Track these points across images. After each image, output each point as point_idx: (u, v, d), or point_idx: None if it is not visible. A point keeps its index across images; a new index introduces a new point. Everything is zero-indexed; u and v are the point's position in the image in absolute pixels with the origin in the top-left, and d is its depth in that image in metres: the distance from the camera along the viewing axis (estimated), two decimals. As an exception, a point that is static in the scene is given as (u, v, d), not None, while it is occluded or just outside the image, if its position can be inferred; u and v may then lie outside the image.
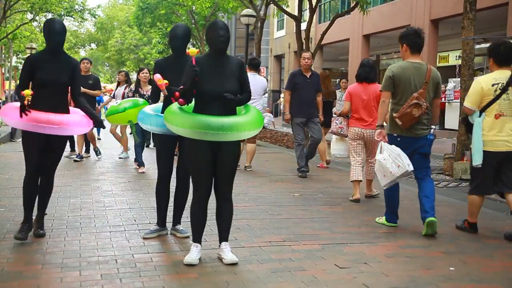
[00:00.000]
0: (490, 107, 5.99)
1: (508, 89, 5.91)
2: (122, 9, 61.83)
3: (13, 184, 8.82)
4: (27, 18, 40.90)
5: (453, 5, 19.99)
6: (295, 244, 5.60)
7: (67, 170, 10.65)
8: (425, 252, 5.45)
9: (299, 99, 10.07)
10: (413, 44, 6.20)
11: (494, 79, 6.05)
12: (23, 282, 4.32)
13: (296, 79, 10.18)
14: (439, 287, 4.44)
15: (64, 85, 5.57)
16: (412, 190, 8.86)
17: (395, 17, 25.70)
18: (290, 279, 4.52)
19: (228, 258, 4.86)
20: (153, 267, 4.78)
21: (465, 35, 11.40)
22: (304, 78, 10.13)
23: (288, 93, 10.33)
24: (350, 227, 6.42)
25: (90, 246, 5.35)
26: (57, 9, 37.62)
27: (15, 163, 11.47)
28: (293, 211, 7.16)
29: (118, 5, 65.74)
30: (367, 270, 4.82)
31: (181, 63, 5.41)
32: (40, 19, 43.00)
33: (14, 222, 6.27)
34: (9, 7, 30.11)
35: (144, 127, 5.92)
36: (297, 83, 10.13)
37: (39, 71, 5.37)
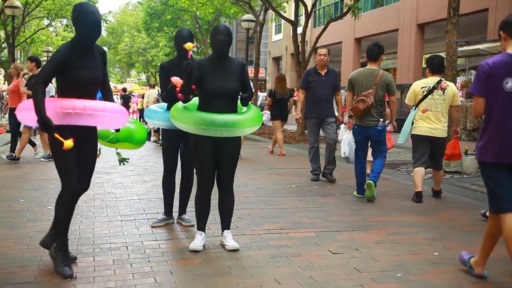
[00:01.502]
0: (420, 104, 7.31)
1: (433, 91, 7.17)
2: (132, 15, 61.64)
3: (31, 177, 8.84)
4: (44, 24, 40.85)
5: (438, 11, 19.99)
6: (292, 231, 5.62)
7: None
8: (411, 238, 5.46)
9: (313, 98, 8.90)
10: (369, 54, 7.46)
11: (424, 83, 7.43)
12: (41, 267, 4.34)
13: (310, 78, 8.99)
14: (425, 270, 4.46)
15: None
16: (401, 182, 8.91)
17: (385, 22, 25.69)
18: (287, 264, 4.54)
19: (230, 245, 4.89)
20: (161, 253, 4.81)
21: (449, 38, 11.40)
22: (319, 76, 8.91)
23: (302, 92, 9.16)
24: (342, 216, 6.44)
25: (103, 234, 5.37)
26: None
27: (32, 158, 11.48)
28: (290, 202, 7.18)
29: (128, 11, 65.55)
30: (358, 255, 4.84)
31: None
32: (56, 25, 42.99)
33: (33, 212, 6.29)
34: (27, 13, 30.08)
35: (150, 123, 5.98)
36: (311, 81, 8.93)
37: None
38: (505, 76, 3.93)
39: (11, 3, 19.26)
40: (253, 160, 11.65)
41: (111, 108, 4.40)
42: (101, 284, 3.99)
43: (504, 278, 4.31)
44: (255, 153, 13.25)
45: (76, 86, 4.23)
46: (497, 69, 3.97)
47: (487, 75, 4.00)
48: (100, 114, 4.21)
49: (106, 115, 4.27)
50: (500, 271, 4.47)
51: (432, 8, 21.72)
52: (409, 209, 6.86)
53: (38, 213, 6.24)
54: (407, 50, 23.57)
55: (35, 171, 9.60)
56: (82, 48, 4.26)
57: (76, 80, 4.22)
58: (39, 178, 8.78)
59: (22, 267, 4.34)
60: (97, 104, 4.29)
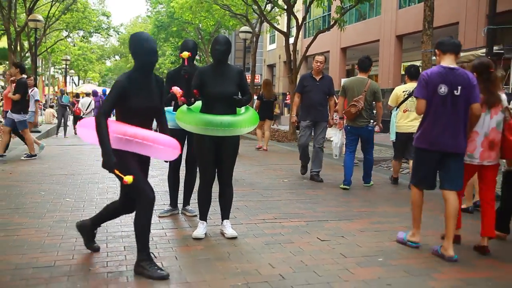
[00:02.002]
0: (401, 105, 7.73)
1: (412, 95, 6.83)
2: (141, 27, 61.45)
3: (52, 172, 8.82)
4: (63, 35, 40.86)
5: (415, 24, 19.99)
6: (284, 221, 5.62)
7: (95, 160, 10.65)
8: (390, 227, 5.46)
9: (307, 102, 8.44)
10: (361, 65, 7.87)
11: (405, 88, 7.83)
12: (60, 253, 4.32)
13: (305, 82, 8.53)
14: (403, 255, 4.47)
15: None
16: (383, 176, 8.92)
17: (367, 33, 25.70)
18: (280, 250, 4.54)
19: (229, 233, 4.89)
20: (167, 240, 4.80)
21: (424, 48, 11.43)
22: (313, 81, 8.43)
23: (296, 96, 8.68)
24: (329, 207, 6.44)
25: (115, 223, 5.34)
26: (87, 28, 37.55)
27: (53, 155, 11.49)
28: (282, 194, 7.17)
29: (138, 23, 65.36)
30: (343, 242, 4.85)
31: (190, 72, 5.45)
32: (73, 36, 42.96)
33: (53, 203, 6.27)
34: (48, 26, 30.11)
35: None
36: (305, 85, 8.46)
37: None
38: (440, 83, 4.46)
39: (34, 17, 19.42)
40: (250, 157, 11.64)
41: (163, 141, 4.07)
42: (114, 268, 3.98)
43: (474, 261, 4.31)
44: (251, 151, 13.24)
45: (131, 114, 3.98)
46: (434, 78, 4.49)
47: (427, 82, 4.52)
48: (150, 144, 3.93)
49: (155, 146, 3.97)
50: (472, 256, 4.48)
51: (409, 21, 21.74)
52: (389, 200, 6.87)
53: (57, 205, 6.23)
54: (387, 59, 23.57)
55: (55, 167, 9.58)
56: (140, 77, 4.01)
57: (131, 109, 3.96)
58: (58, 173, 8.76)
59: (43, 252, 4.33)
60: (149, 134, 3.99)
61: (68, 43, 46.08)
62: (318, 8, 22.39)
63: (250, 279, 3.78)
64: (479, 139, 4.66)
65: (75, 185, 7.62)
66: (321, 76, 8.50)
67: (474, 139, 4.67)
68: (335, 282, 3.76)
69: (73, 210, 5.95)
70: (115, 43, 67.54)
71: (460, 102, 4.46)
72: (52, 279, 3.72)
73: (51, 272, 3.86)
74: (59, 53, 42.79)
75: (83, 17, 35.51)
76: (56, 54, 42.65)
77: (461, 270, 4.12)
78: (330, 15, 25.76)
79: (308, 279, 3.81)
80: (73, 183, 7.79)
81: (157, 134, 4.13)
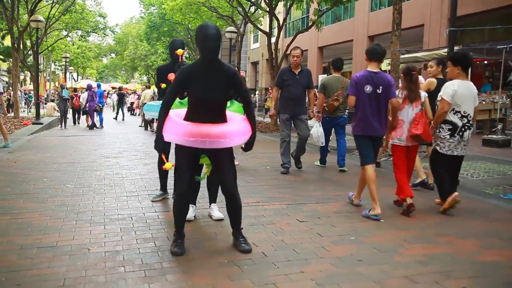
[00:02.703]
0: None
1: None
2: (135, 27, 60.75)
3: (52, 161, 8.75)
4: (63, 34, 40.34)
5: (385, 25, 20.06)
6: (267, 204, 5.64)
7: (93, 150, 10.59)
8: (361, 209, 5.47)
9: (286, 95, 7.82)
10: (335, 65, 8.08)
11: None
12: (62, 234, 4.31)
13: (284, 76, 7.89)
14: (373, 234, 4.52)
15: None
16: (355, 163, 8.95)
17: (342, 34, 25.74)
18: (263, 231, 4.57)
19: (216, 215, 4.90)
20: (159, 222, 4.80)
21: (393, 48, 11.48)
22: (292, 75, 7.80)
23: (275, 90, 8.05)
24: (308, 191, 6.47)
25: (112, 207, 5.34)
26: (85, 28, 37.13)
27: (54, 145, 11.38)
28: (265, 180, 7.18)
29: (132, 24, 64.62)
30: (320, 222, 4.88)
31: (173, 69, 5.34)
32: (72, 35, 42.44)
33: (54, 189, 6.23)
34: (49, 26, 29.79)
35: (148, 115, 5.84)
36: (285, 79, 7.84)
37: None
38: (366, 84, 5.26)
39: (36, 18, 19.17)
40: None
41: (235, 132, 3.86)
42: (111, 248, 3.98)
43: (436, 238, 4.38)
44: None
45: (194, 102, 3.86)
46: (361, 79, 5.30)
47: (356, 83, 5.31)
48: (221, 141, 3.73)
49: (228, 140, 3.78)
50: (433, 233, 4.54)
51: (380, 23, 21.82)
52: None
53: (58, 190, 6.19)
54: (360, 57, 23.62)
55: (56, 156, 9.50)
56: (203, 65, 3.81)
57: (193, 97, 3.84)
58: (59, 162, 8.69)
59: (46, 234, 4.31)
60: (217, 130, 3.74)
61: (67, 42, 45.50)
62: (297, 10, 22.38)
63: (235, 257, 3.80)
64: (405, 126, 5.45)
65: (74, 172, 7.57)
66: (299, 70, 7.88)
67: (401, 126, 5.46)
68: (312, 259, 3.80)
69: (73, 195, 5.92)
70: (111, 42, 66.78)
71: (381, 98, 5.30)
72: (55, 258, 3.71)
73: (53, 251, 3.85)
74: (59, 51, 42.28)
75: (81, 18, 35.07)
76: (56, 52, 42.13)
77: (424, 246, 4.18)
78: (308, 17, 25.80)
79: (288, 256, 3.85)
80: (72, 170, 7.74)
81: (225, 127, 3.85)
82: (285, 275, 3.43)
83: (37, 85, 20.70)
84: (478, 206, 5.80)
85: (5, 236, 4.23)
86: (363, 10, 23.75)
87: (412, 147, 5.55)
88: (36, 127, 16.60)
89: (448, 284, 3.34)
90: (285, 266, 3.62)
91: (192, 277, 3.37)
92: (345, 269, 3.58)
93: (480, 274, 3.56)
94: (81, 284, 3.22)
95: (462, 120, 5.38)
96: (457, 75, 5.44)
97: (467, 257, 3.93)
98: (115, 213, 5.11)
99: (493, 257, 3.96)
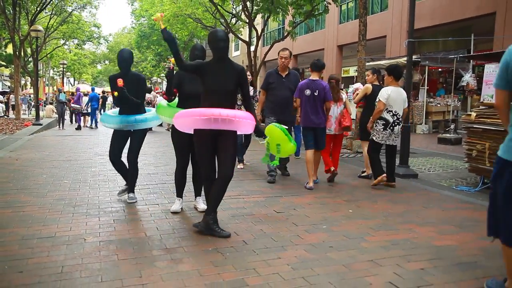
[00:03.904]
0: None
1: None
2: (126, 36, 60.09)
3: (51, 158, 8.62)
4: (60, 43, 39.72)
5: (352, 36, 20.22)
6: (247, 197, 5.64)
7: (89, 148, 10.45)
8: (332, 200, 5.54)
9: (273, 99, 6.81)
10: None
11: None
12: (60, 225, 4.24)
13: (270, 79, 6.89)
14: (342, 223, 4.54)
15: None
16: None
17: (314, 43, 25.86)
18: (243, 221, 4.55)
19: (201, 207, 4.86)
20: (149, 214, 4.75)
21: (359, 56, 11.56)
22: (279, 78, 6.81)
23: (262, 93, 7.04)
24: (284, 185, 6.48)
25: (106, 201, 5.27)
26: (81, 37, 36.66)
27: (52, 144, 11.21)
28: (245, 175, 7.18)
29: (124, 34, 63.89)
30: (295, 213, 4.89)
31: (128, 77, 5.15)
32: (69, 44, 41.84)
33: (53, 184, 6.13)
34: (47, 35, 29.49)
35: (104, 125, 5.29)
36: (271, 82, 6.84)
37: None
38: (306, 88, 6.33)
39: (35, 28, 18.96)
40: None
41: (243, 116, 3.95)
42: (105, 238, 3.92)
43: (398, 226, 4.42)
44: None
45: (207, 93, 4.03)
46: (303, 85, 6.37)
47: (300, 89, 6.40)
48: (232, 119, 3.84)
49: (241, 121, 3.91)
50: (395, 222, 4.59)
51: (348, 34, 21.97)
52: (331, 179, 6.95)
53: (56, 185, 6.09)
54: (330, 64, 23.75)
55: (54, 154, 9.35)
56: (216, 61, 4.09)
57: (207, 88, 4.03)
58: (57, 159, 8.55)
59: (45, 225, 4.24)
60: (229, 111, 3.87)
61: (64, 49, 44.80)
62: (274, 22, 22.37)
63: (218, 245, 3.78)
64: (333, 120, 6.69)
65: (71, 169, 7.46)
66: (287, 73, 6.90)
67: (330, 120, 6.65)
68: (288, 246, 3.80)
69: (70, 190, 5.83)
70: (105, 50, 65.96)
71: (318, 100, 6.30)
72: (53, 247, 3.65)
73: (52, 241, 3.79)
74: (57, 58, 41.70)
75: (77, 28, 34.57)
76: (54, 59, 41.54)
77: (387, 233, 4.22)
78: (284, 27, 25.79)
79: (266, 244, 3.84)
80: (70, 167, 7.62)
81: (235, 111, 3.99)
82: (263, 261, 3.42)
83: (37, 89, 20.52)
84: (434, 197, 5.88)
85: (7, 228, 4.15)
86: (333, 22, 23.88)
87: (338, 135, 6.83)
88: (36, 127, 16.34)
89: (408, 266, 3.37)
90: (263, 252, 3.62)
91: (180, 264, 3.34)
92: (318, 255, 3.59)
93: (436, 256, 3.61)
94: (77, 271, 3.17)
95: (393, 117, 6.29)
96: (391, 82, 6.38)
97: (425, 242, 3.98)
98: (109, 206, 5.04)
99: (447, 241, 4.02)
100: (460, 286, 3.06)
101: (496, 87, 2.93)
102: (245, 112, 4.10)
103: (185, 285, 2.97)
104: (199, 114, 3.85)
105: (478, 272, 3.31)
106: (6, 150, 9.75)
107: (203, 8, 25.98)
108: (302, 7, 16.50)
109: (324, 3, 16.63)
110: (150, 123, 5.31)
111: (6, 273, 3.12)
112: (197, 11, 26.38)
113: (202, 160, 4.12)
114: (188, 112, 3.97)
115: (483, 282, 3.08)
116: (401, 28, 18.59)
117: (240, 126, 3.95)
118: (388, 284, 3.05)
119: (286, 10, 17.00)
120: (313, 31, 26.63)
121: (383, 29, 19.59)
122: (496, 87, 2.94)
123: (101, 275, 3.11)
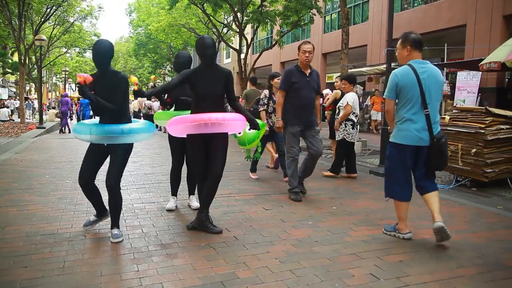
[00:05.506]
0: None
1: None
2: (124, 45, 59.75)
3: (54, 160, 8.55)
4: (63, 51, 39.49)
5: (335, 44, 20.31)
6: (237, 195, 5.62)
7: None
8: (317, 198, 5.55)
9: (297, 102, 5.24)
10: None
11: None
12: (62, 223, 4.20)
13: (293, 77, 5.24)
14: (327, 219, 4.53)
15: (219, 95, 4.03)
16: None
17: (300, 51, 25.89)
18: (234, 217, 4.54)
19: (194, 205, 4.84)
20: (146, 212, 4.72)
21: (342, 63, 11.61)
22: (303, 76, 5.26)
23: (281, 95, 5.34)
24: (272, 184, 6.48)
25: (105, 200, 5.17)
26: (82, 45, 36.43)
27: (55, 146, 11.11)
28: (236, 175, 7.16)
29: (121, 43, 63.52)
30: (282, 210, 4.89)
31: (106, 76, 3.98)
32: (71, 52, 41.57)
33: (55, 184, 6.07)
34: (51, 44, 29.40)
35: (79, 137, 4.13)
36: (294, 82, 5.22)
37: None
38: None
39: (39, 37, 19.03)
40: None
41: (232, 117, 3.87)
42: (104, 234, 3.89)
43: (378, 222, 4.44)
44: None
45: (197, 99, 3.95)
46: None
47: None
48: (222, 123, 3.77)
49: (230, 123, 3.83)
50: (376, 218, 4.61)
51: (331, 42, 22.06)
52: (315, 178, 6.92)
53: (59, 185, 6.03)
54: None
55: (57, 155, 9.26)
56: (204, 68, 3.96)
57: (197, 94, 3.94)
58: (59, 160, 8.48)
59: (48, 223, 4.20)
60: (218, 115, 3.78)
61: (67, 57, 44.49)
62: (263, 31, 22.37)
63: (211, 240, 3.77)
64: None
65: (72, 170, 7.39)
66: (310, 71, 5.36)
67: None
68: (276, 241, 3.79)
69: (71, 189, 5.78)
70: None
71: None
72: (56, 243, 3.61)
73: (54, 238, 3.75)
74: (60, 65, 41.49)
75: (79, 37, 34.31)
76: (57, 66, 41.31)
77: (368, 228, 4.23)
78: (272, 36, 25.86)
79: (256, 239, 3.83)
80: (71, 168, 7.55)
81: (224, 113, 3.87)
82: (253, 255, 3.42)
83: (41, 95, 20.45)
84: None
85: (13, 225, 4.10)
86: (318, 32, 23.96)
87: None
88: (39, 131, 16.21)
89: (387, 259, 3.39)
90: (253, 247, 3.61)
91: (174, 259, 3.32)
92: (304, 249, 3.59)
93: (413, 250, 3.63)
94: (79, 265, 3.14)
95: (356, 118, 6.94)
96: (348, 88, 7.06)
97: (403, 237, 3.99)
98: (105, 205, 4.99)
99: (423, 235, 4.04)
100: (436, 276, 3.08)
101: (388, 97, 3.82)
102: (234, 113, 4.00)
103: (179, 278, 2.96)
104: (190, 120, 3.78)
105: (452, 264, 3.33)
106: (11, 152, 9.64)
107: (196, 19, 25.95)
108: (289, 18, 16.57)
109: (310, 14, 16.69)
110: (134, 137, 3.81)
111: (12, 268, 3.08)
112: (191, 21, 26.35)
113: (195, 162, 4.07)
114: (179, 119, 3.87)
115: (457, 272, 3.11)
116: (380, 38, 18.71)
117: (230, 127, 3.90)
118: (370, 275, 3.06)
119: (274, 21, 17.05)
120: (299, 39, 26.68)
121: (364, 38, 19.70)
122: (387, 97, 3.82)
123: (101, 269, 3.09)
